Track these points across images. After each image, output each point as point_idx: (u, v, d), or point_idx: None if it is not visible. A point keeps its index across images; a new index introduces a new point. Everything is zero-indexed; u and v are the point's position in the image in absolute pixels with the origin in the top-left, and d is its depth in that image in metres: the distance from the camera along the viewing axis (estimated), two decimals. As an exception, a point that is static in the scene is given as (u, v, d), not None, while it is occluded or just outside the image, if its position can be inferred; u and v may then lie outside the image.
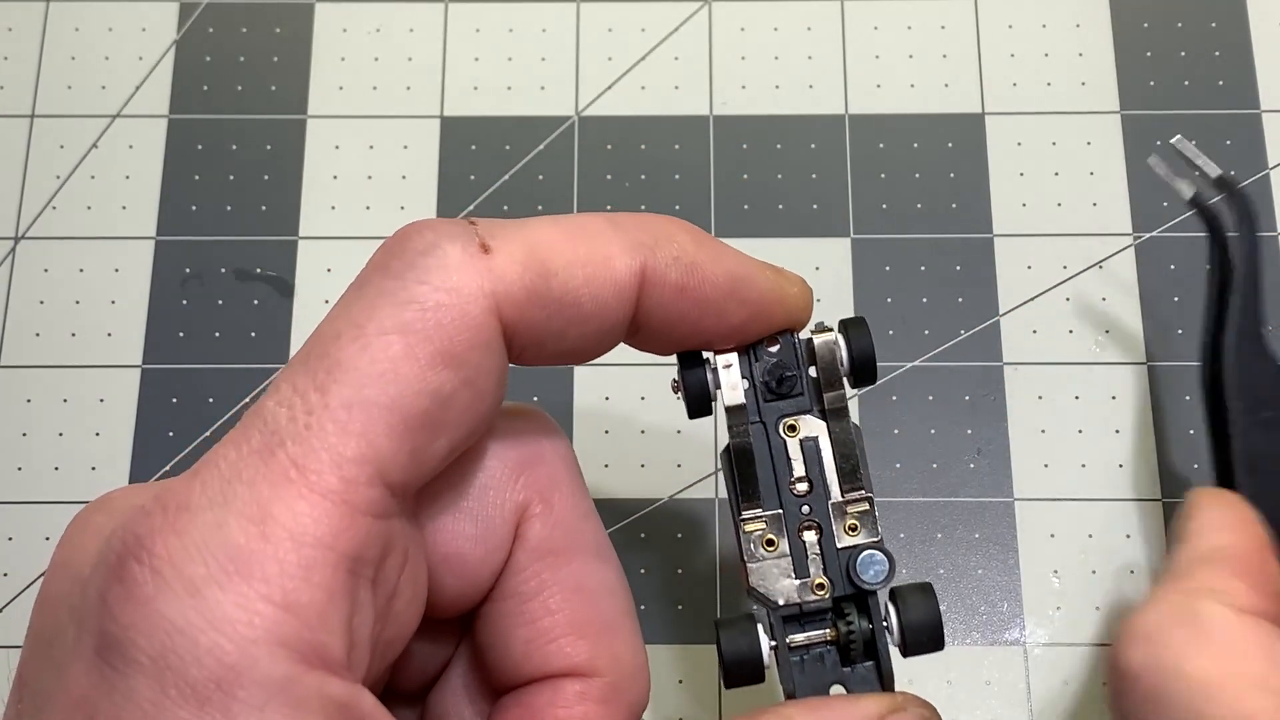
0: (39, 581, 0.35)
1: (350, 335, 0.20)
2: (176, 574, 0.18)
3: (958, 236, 0.38)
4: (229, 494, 0.19)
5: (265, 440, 0.20)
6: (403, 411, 0.20)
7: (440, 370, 0.20)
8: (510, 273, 0.21)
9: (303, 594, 0.19)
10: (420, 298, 0.20)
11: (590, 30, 0.40)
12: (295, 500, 0.19)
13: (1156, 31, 0.40)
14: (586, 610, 0.23)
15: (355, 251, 0.38)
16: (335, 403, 0.20)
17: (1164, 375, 0.36)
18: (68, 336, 0.37)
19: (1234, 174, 0.29)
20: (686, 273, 0.23)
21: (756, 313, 0.24)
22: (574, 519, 0.24)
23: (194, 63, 0.40)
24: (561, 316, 0.22)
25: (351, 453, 0.20)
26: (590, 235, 0.22)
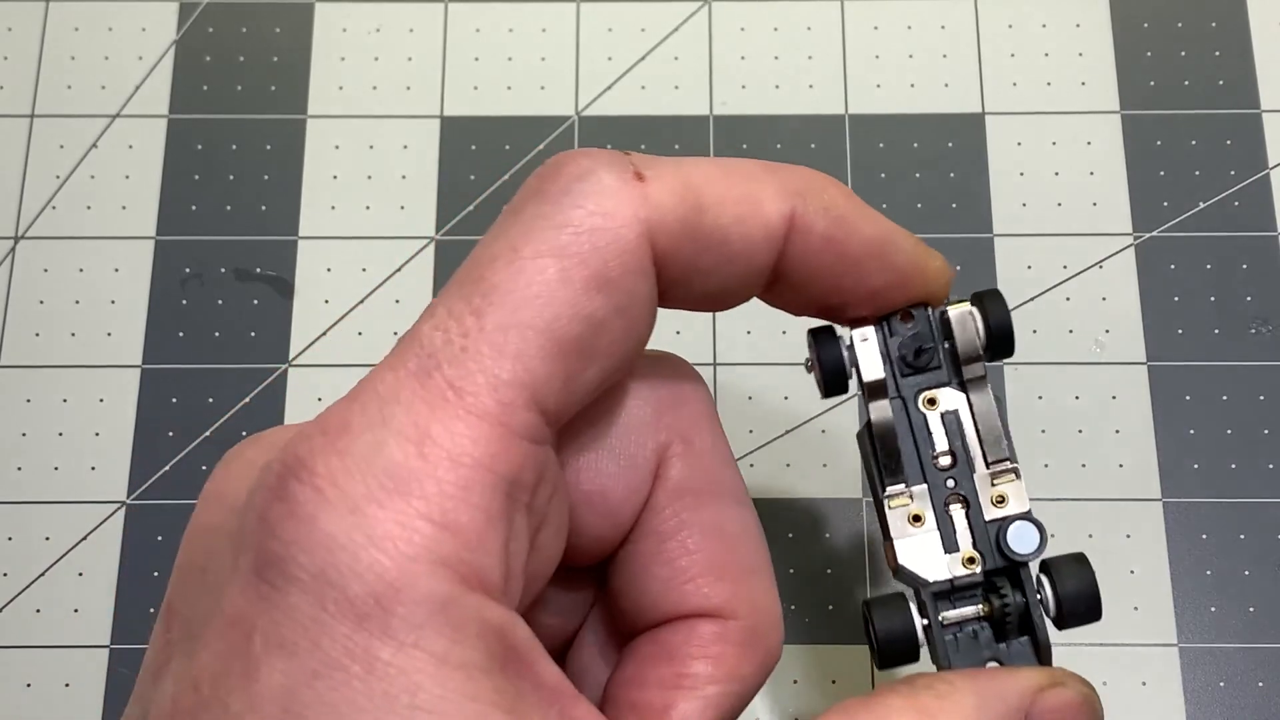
0: (39, 581, 0.35)
1: (505, 258, 0.20)
2: (338, 492, 0.19)
3: (958, 236, 0.38)
4: (387, 415, 0.19)
5: (421, 363, 0.20)
6: (557, 335, 0.20)
7: (594, 295, 0.20)
8: (666, 201, 0.21)
9: (461, 514, 0.19)
10: (575, 221, 0.20)
11: (590, 30, 0.40)
12: (453, 421, 0.19)
13: (1156, 31, 0.40)
14: (725, 552, 0.23)
15: (355, 251, 0.38)
16: (490, 325, 0.20)
17: (1164, 375, 0.36)
18: (67, 336, 0.37)
19: None
20: (834, 224, 0.22)
21: (897, 279, 0.24)
22: (714, 462, 0.24)
23: (194, 62, 0.40)
24: (711, 253, 0.22)
25: (507, 375, 0.19)
26: (744, 175, 0.22)
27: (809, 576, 0.35)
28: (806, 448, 0.36)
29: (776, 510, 0.35)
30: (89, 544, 0.35)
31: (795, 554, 0.35)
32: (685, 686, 0.22)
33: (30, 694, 0.34)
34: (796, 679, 0.34)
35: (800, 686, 0.34)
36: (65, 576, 0.35)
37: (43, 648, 0.34)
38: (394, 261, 0.38)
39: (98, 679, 0.34)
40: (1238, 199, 0.38)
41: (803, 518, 0.35)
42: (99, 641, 0.34)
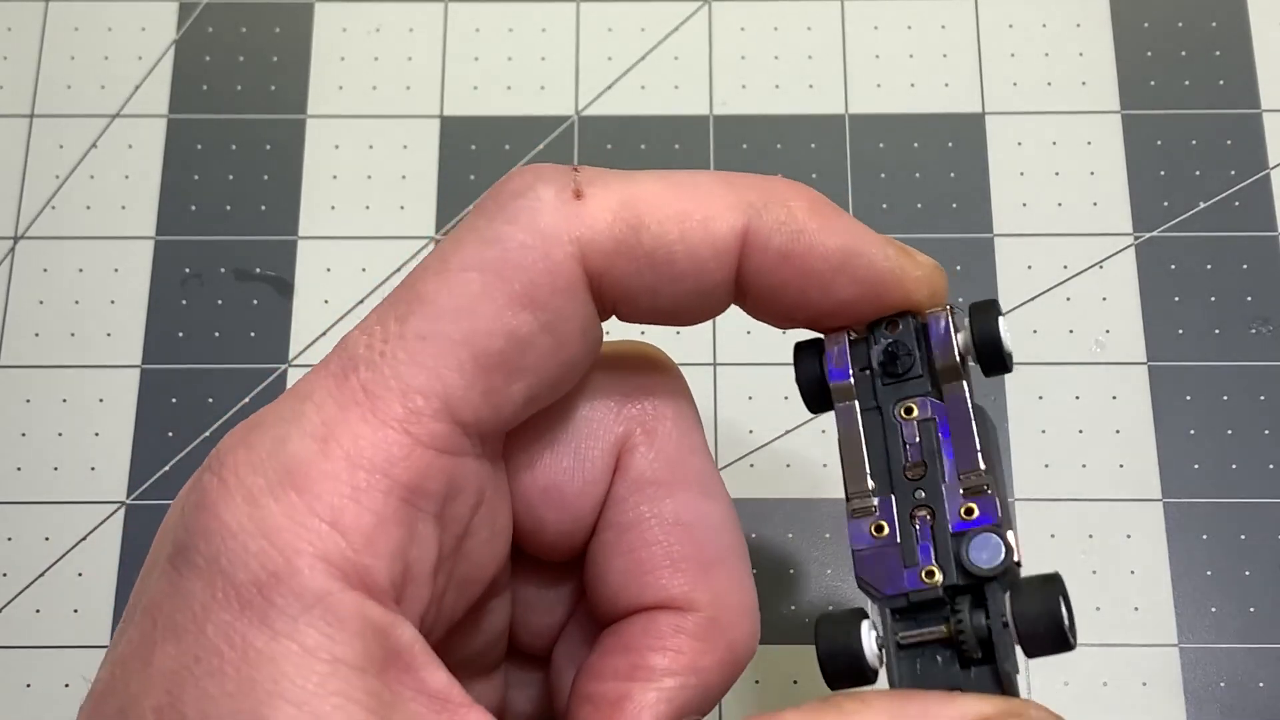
0: (39, 581, 0.35)
1: (435, 269, 0.21)
2: (239, 483, 0.19)
3: (958, 236, 0.38)
4: (299, 412, 0.20)
5: (341, 364, 0.20)
6: (476, 349, 0.20)
7: (518, 312, 0.20)
8: (600, 220, 0.21)
9: (352, 514, 0.19)
10: (504, 237, 0.21)
11: (590, 30, 0.40)
12: (358, 423, 0.19)
13: (1157, 31, 0.40)
14: (686, 544, 0.23)
15: (355, 251, 0.38)
16: (410, 333, 0.20)
17: (1164, 375, 0.36)
18: (67, 336, 0.37)
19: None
20: (791, 239, 0.22)
21: (868, 291, 0.23)
22: (678, 451, 0.23)
23: (193, 62, 0.40)
24: (653, 272, 0.21)
25: (419, 383, 0.20)
26: (695, 191, 0.22)
27: (808, 577, 0.35)
28: (806, 448, 0.36)
29: (776, 510, 0.35)
30: (89, 544, 0.35)
31: (795, 554, 0.35)
32: (640, 679, 0.22)
33: (30, 694, 0.34)
34: (796, 679, 0.34)
35: (800, 686, 0.34)
36: (65, 577, 0.35)
37: (42, 648, 0.34)
38: (394, 261, 0.38)
39: (97, 679, 0.34)
40: (1238, 199, 0.38)
41: (802, 518, 0.35)
42: (99, 642, 0.34)
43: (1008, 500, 0.23)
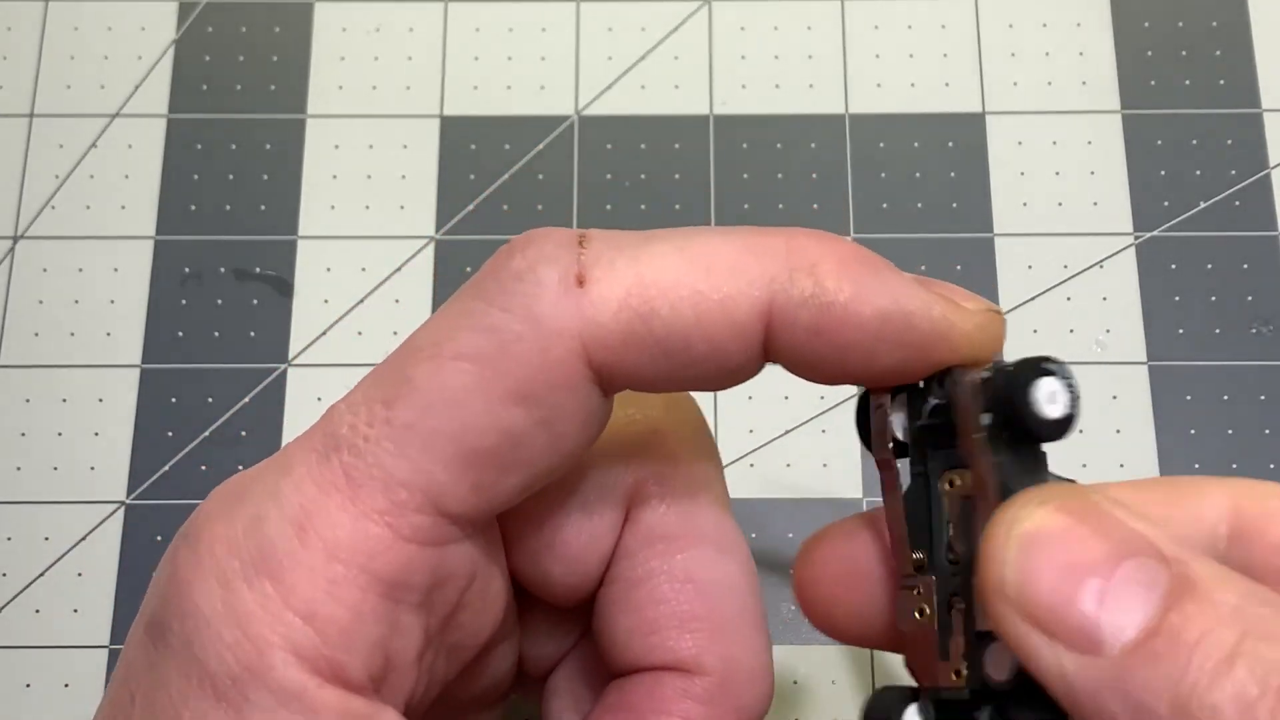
0: (38, 581, 0.35)
1: (427, 353, 0.19)
2: (214, 563, 0.18)
3: (958, 236, 0.38)
4: (277, 490, 0.19)
5: (325, 443, 0.19)
6: (466, 444, 0.19)
7: (512, 408, 0.19)
8: (604, 313, 0.19)
9: (327, 608, 0.18)
10: (501, 327, 0.19)
11: (590, 30, 0.40)
12: (338, 512, 0.19)
13: (1157, 31, 0.40)
14: (697, 603, 0.22)
15: (355, 251, 0.38)
16: (398, 421, 0.19)
17: (1164, 375, 0.36)
18: (66, 336, 0.37)
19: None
20: (820, 314, 0.19)
21: (914, 354, 0.20)
22: (693, 503, 0.22)
23: (193, 62, 0.40)
24: (666, 359, 0.19)
25: (404, 476, 0.19)
26: (713, 266, 0.19)
27: (809, 577, 0.35)
28: (806, 448, 0.36)
29: (776, 510, 0.35)
30: (88, 544, 0.35)
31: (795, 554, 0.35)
32: None
33: (30, 694, 0.34)
34: (796, 680, 0.34)
35: (800, 687, 0.34)
36: (65, 577, 0.35)
37: (42, 648, 0.34)
38: (394, 261, 0.38)
39: (97, 679, 0.34)
40: (1238, 199, 0.38)
41: (803, 518, 0.35)
42: (98, 642, 0.34)
43: None
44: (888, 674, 0.33)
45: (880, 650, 0.23)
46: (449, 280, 0.37)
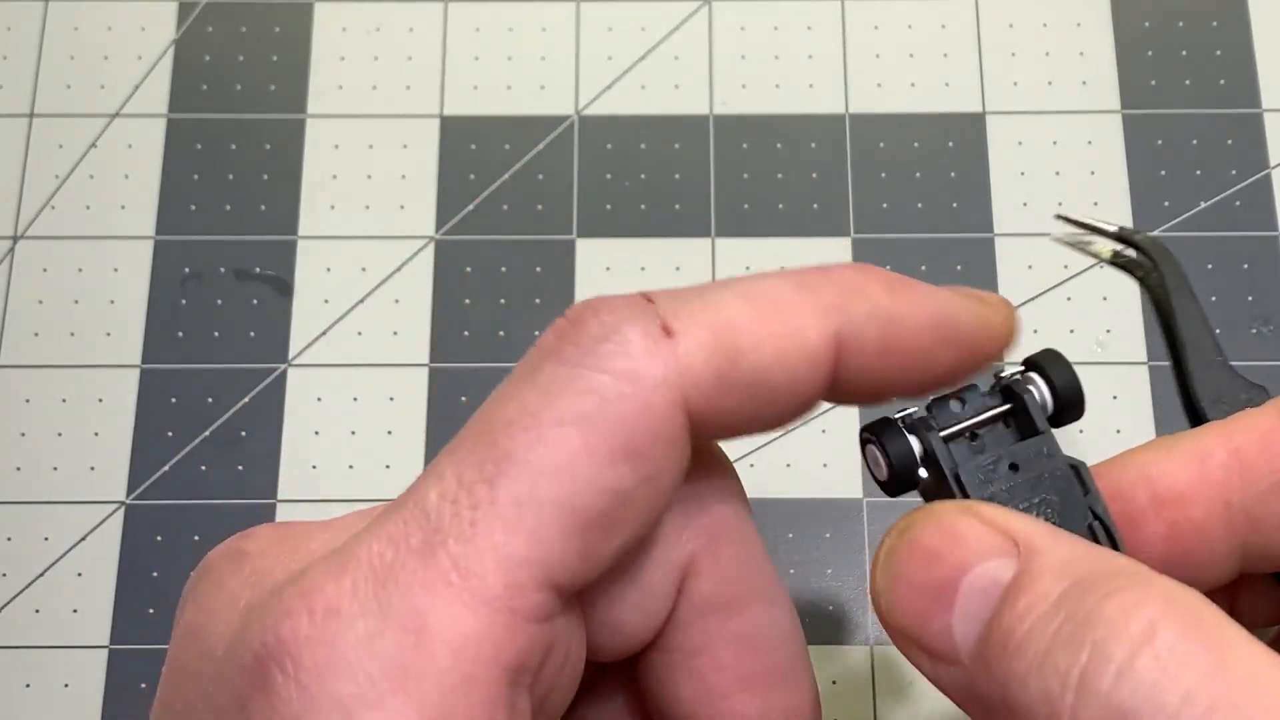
0: (38, 581, 0.35)
1: (523, 424, 0.18)
2: (324, 691, 0.17)
3: (958, 236, 0.38)
4: (383, 600, 0.17)
5: (425, 538, 0.18)
6: (578, 511, 0.18)
7: (619, 466, 0.19)
8: (697, 359, 0.19)
9: (461, 711, 0.17)
10: (600, 387, 0.19)
11: (590, 30, 0.40)
12: (456, 608, 0.17)
13: (1157, 31, 0.40)
14: (757, 661, 0.22)
15: (355, 251, 0.38)
16: (504, 498, 0.18)
17: (1164, 375, 0.36)
18: (66, 336, 0.37)
19: (1129, 228, 0.28)
20: (885, 327, 0.20)
21: (966, 353, 0.21)
22: (743, 568, 0.22)
23: (193, 62, 0.40)
24: (751, 399, 0.20)
25: (520, 555, 0.18)
26: (778, 305, 0.20)
27: (809, 576, 0.35)
28: (806, 448, 0.36)
29: (776, 510, 0.35)
30: (88, 544, 0.35)
31: (795, 554, 0.35)
32: None
33: (30, 694, 0.34)
34: (797, 679, 0.34)
35: (800, 687, 0.34)
36: (65, 577, 0.35)
37: (42, 648, 0.34)
38: (393, 261, 0.38)
39: (97, 679, 0.34)
40: (1238, 199, 0.38)
41: (803, 518, 0.35)
42: (98, 642, 0.34)
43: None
44: (888, 674, 0.33)
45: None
46: (449, 280, 0.38)
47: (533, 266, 0.38)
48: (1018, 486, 0.23)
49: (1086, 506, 0.23)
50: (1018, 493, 0.22)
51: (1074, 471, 0.23)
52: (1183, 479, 0.23)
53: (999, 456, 0.23)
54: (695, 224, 0.38)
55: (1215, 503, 0.22)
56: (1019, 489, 0.23)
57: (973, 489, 0.22)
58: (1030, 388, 0.23)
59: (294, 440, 0.36)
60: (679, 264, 0.37)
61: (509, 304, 0.37)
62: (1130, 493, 0.23)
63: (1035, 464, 0.23)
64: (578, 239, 0.38)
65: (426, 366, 0.37)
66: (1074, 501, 0.23)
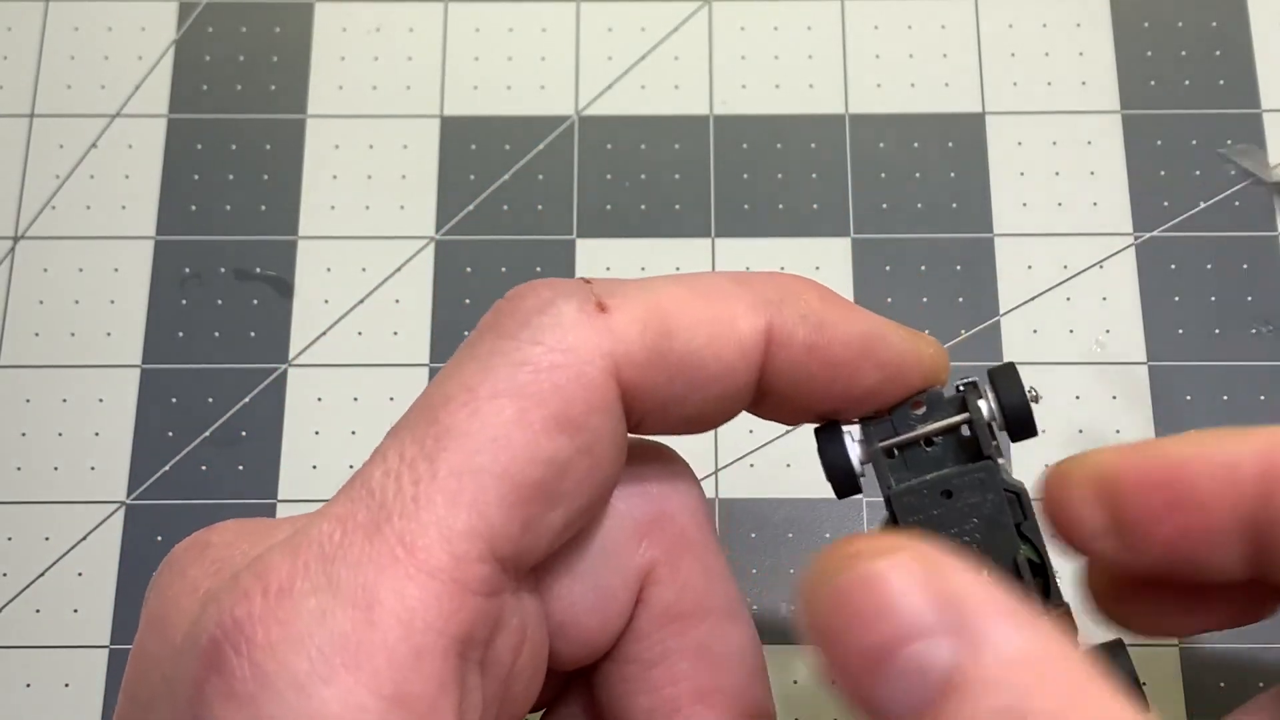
0: (39, 581, 0.35)
1: (461, 399, 0.19)
2: (279, 668, 0.17)
3: (958, 236, 0.38)
4: (333, 576, 0.18)
5: (371, 515, 0.18)
6: (515, 480, 0.19)
7: (556, 436, 0.19)
8: (630, 331, 0.20)
9: (414, 684, 0.17)
10: (534, 358, 0.19)
11: (590, 30, 0.40)
12: (404, 582, 0.18)
13: (1157, 31, 0.40)
14: (714, 676, 0.22)
15: (355, 251, 0.38)
16: (444, 471, 0.18)
17: (1164, 375, 0.36)
18: (67, 336, 0.37)
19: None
20: (815, 330, 0.21)
21: (891, 375, 0.22)
22: (702, 580, 0.22)
23: (193, 62, 0.40)
24: (683, 379, 0.20)
25: (462, 526, 0.18)
26: (713, 293, 0.21)
27: (809, 576, 0.35)
28: (806, 448, 0.36)
29: (776, 510, 0.35)
30: (89, 544, 0.35)
31: (795, 554, 0.35)
32: None
33: (30, 694, 0.34)
34: (796, 679, 0.34)
35: (800, 687, 0.34)
36: (65, 576, 0.35)
37: (43, 648, 0.34)
38: (394, 261, 0.38)
39: (98, 679, 0.34)
40: (1238, 199, 0.38)
41: (803, 518, 0.35)
42: (99, 642, 0.34)
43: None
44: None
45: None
46: (449, 280, 0.38)
47: (533, 266, 0.38)
48: (950, 512, 0.22)
49: (1018, 536, 0.23)
50: (949, 518, 0.22)
51: (1015, 497, 0.23)
52: (1207, 487, 0.22)
53: (934, 480, 0.22)
54: (695, 224, 0.38)
55: (1236, 516, 0.22)
56: (951, 515, 0.22)
57: (902, 514, 0.22)
58: (980, 402, 0.23)
59: (294, 440, 0.36)
60: (679, 264, 0.38)
61: (509, 304, 0.37)
62: (1147, 492, 0.22)
63: (974, 489, 0.22)
64: (578, 239, 0.38)
65: (427, 367, 0.37)
66: (1004, 531, 0.22)
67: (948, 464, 0.23)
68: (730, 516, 0.35)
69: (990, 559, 0.22)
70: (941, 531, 0.22)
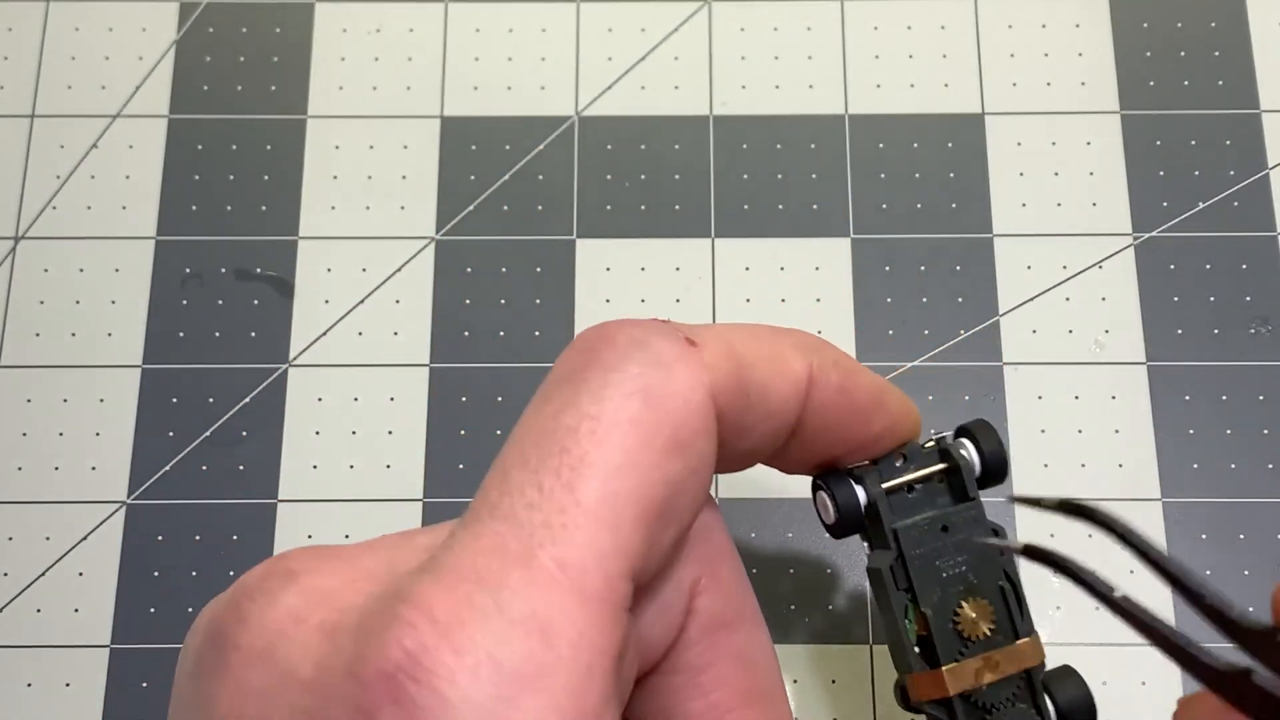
0: (39, 581, 0.35)
1: (587, 427, 0.20)
2: (463, 696, 0.18)
3: (958, 236, 0.38)
4: (502, 604, 0.18)
5: (524, 545, 0.19)
6: (645, 502, 0.20)
7: (673, 459, 0.20)
8: (719, 363, 0.22)
9: (589, 702, 0.18)
10: (647, 386, 0.21)
11: (590, 30, 0.40)
12: (569, 605, 0.19)
13: (1156, 31, 0.40)
14: (753, 679, 0.23)
15: (355, 251, 0.38)
16: (587, 499, 0.19)
17: (1163, 375, 0.36)
18: (68, 336, 0.37)
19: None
20: (844, 376, 0.24)
21: (893, 424, 0.25)
22: (738, 589, 0.24)
23: (194, 63, 0.40)
24: (755, 409, 0.23)
25: (608, 548, 0.19)
26: (768, 336, 0.23)
27: (809, 576, 0.35)
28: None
29: (777, 510, 0.35)
30: (89, 544, 0.35)
31: (795, 554, 0.35)
32: None
33: (31, 693, 0.34)
34: (796, 679, 0.34)
35: (800, 686, 0.34)
36: (66, 576, 0.35)
37: (43, 647, 0.34)
38: (394, 261, 0.38)
39: (98, 679, 0.34)
40: (1237, 199, 0.38)
41: (803, 518, 0.35)
42: (99, 641, 0.34)
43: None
44: (889, 673, 0.34)
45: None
46: (449, 280, 0.38)
47: (533, 266, 0.38)
48: (945, 547, 0.26)
49: (1001, 569, 0.26)
50: (944, 552, 0.26)
51: (995, 535, 0.26)
52: None
53: (933, 517, 0.26)
54: (695, 224, 0.38)
55: None
56: (946, 549, 0.26)
57: (907, 545, 0.26)
58: (963, 451, 0.27)
59: (294, 440, 0.36)
60: (679, 264, 0.38)
61: (509, 304, 0.37)
62: None
63: (963, 528, 0.26)
64: (578, 239, 0.38)
65: (427, 366, 0.37)
66: (989, 565, 0.26)
67: (927, 507, 0.26)
68: (730, 516, 0.35)
69: (979, 586, 0.26)
70: (939, 561, 0.26)
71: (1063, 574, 0.24)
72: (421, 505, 0.36)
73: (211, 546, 0.35)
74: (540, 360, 0.37)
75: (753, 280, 0.37)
